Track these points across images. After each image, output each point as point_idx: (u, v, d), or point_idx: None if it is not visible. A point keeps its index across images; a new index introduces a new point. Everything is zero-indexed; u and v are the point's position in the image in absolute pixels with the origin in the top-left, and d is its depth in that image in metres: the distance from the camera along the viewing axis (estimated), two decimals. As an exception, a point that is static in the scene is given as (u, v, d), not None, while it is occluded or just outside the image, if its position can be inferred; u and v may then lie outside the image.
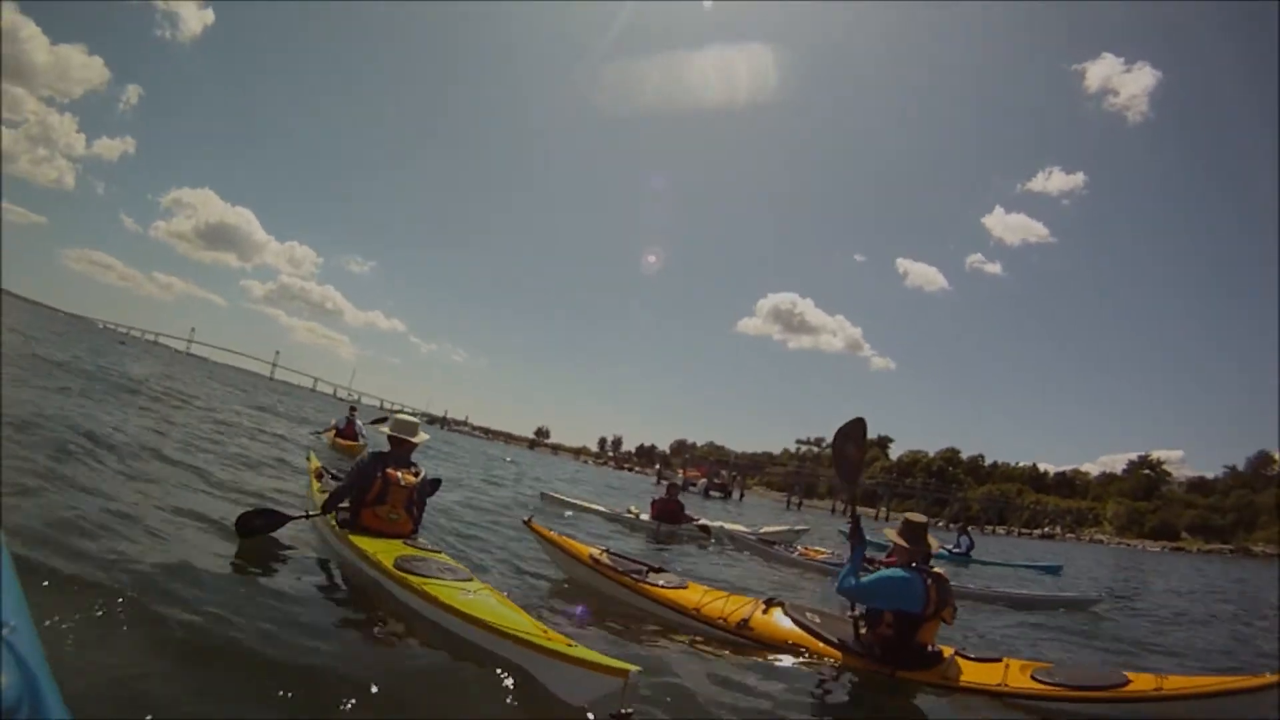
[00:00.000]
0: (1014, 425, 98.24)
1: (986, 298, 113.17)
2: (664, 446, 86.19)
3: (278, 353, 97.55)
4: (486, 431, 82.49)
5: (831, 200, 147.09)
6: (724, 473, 54.60)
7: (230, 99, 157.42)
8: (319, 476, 5.62)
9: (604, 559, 4.25)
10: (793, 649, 3.43)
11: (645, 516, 9.37)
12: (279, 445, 9.78)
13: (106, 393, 10.12)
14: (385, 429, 4.14)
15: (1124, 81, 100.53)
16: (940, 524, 46.75)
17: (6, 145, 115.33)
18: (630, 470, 65.69)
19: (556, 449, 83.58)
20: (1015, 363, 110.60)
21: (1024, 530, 50.14)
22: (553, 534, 4.72)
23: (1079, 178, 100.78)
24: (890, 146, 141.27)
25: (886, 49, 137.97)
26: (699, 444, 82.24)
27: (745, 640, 3.51)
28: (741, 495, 48.23)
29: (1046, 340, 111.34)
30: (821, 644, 3.42)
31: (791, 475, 62.64)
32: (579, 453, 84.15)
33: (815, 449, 70.46)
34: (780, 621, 3.59)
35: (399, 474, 3.84)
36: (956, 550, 12.70)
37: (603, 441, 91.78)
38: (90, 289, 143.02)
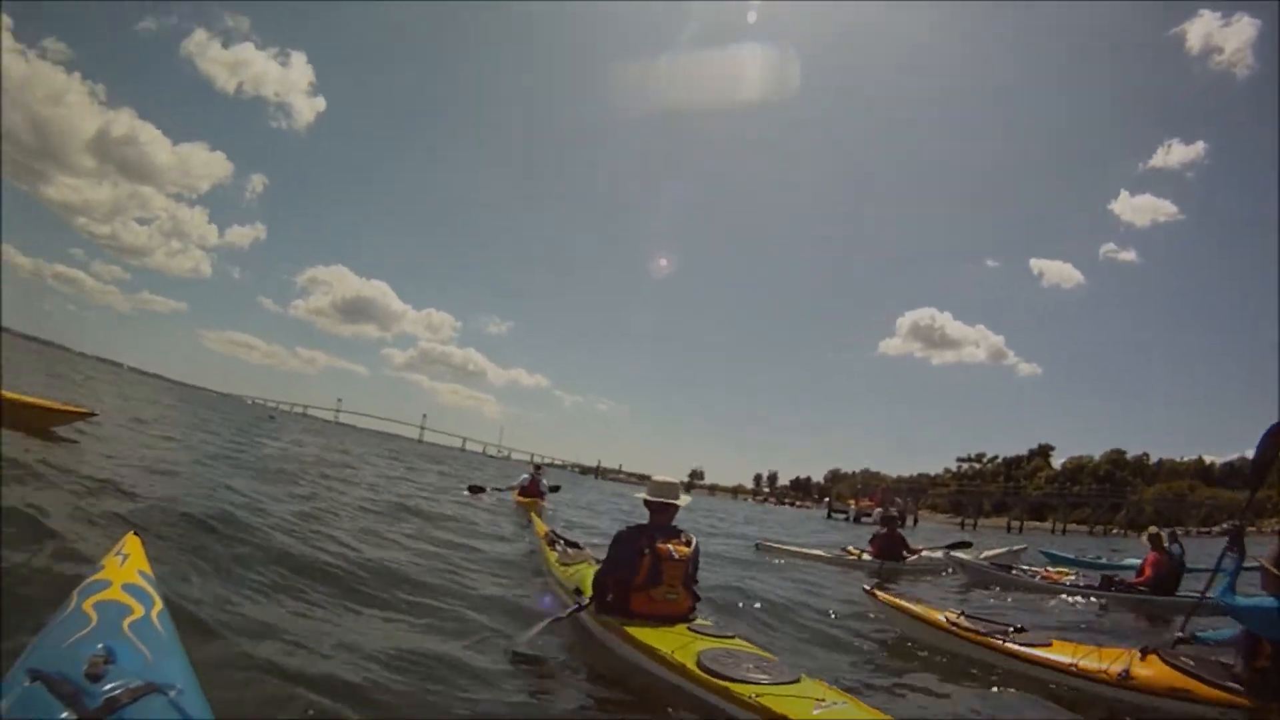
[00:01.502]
0: (1173, 418, 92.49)
1: (1124, 287, 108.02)
2: (818, 478, 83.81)
3: (425, 416, 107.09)
4: (641, 478, 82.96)
5: (955, 207, 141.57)
6: (898, 499, 52.23)
7: (351, 178, 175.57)
8: (551, 543, 5.12)
9: (962, 621, 4.10)
10: (1182, 695, 3.25)
11: (866, 555, 8.88)
12: (487, 512, 9.81)
13: (279, 468, 10.48)
14: (642, 494, 3.55)
15: (1225, 37, 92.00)
16: (1117, 531, 43.78)
17: (141, 240, 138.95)
18: (791, 505, 64.06)
19: (713, 489, 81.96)
20: (1163, 351, 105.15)
21: (1202, 529, 43.78)
22: (900, 601, 4.51)
23: (1199, 147, 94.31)
24: (1005, 145, 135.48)
25: (976, 48, 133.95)
26: (853, 472, 79.57)
27: (1131, 692, 3.35)
28: (915, 521, 45.43)
29: (1191, 322, 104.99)
30: (1208, 688, 3.22)
31: (958, 495, 60.09)
32: (735, 491, 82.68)
33: (976, 465, 67.54)
34: (1159, 669, 3.41)
35: (670, 546, 3.29)
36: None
37: (758, 478, 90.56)
38: (236, 368, 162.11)
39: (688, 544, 3.37)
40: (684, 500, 3.50)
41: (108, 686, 1.27)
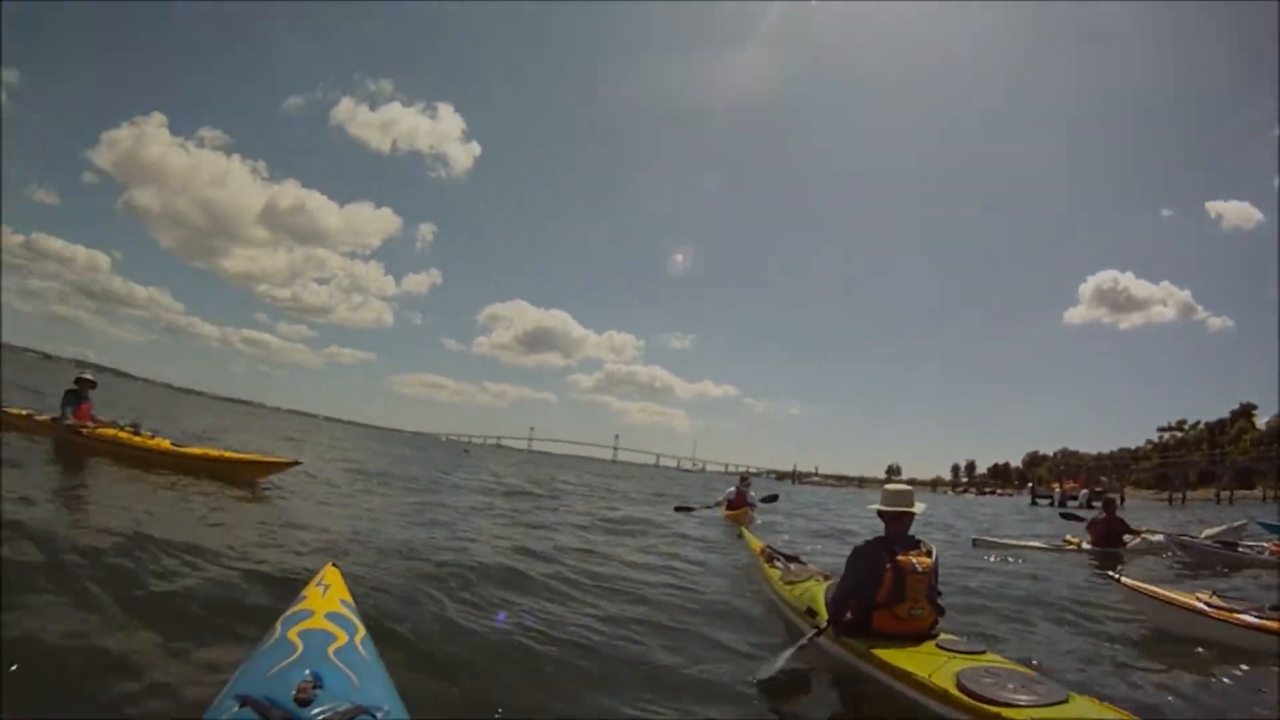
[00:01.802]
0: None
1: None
2: (1016, 462, 77.12)
3: (617, 436, 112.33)
4: (838, 479, 79.32)
5: (1119, 157, 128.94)
6: (1103, 479, 47.59)
7: (516, 214, 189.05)
8: (769, 559, 4.85)
9: (1215, 601, 3.85)
10: None
11: (1086, 544, 8.27)
12: (697, 531, 8.98)
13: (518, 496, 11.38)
14: (876, 506, 3.36)
15: None
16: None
17: (322, 299, 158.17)
18: (991, 494, 59.58)
19: (910, 485, 78.95)
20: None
21: None
22: (1150, 586, 4.20)
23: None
24: (1160, 85, 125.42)
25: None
26: (1051, 453, 72.82)
27: None
28: (1122, 500, 40.20)
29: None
30: None
31: (1161, 468, 52.13)
32: (934, 484, 77.81)
33: (1178, 434, 60.51)
34: None
35: (911, 558, 3.08)
36: None
37: (955, 468, 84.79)
38: (428, 408, 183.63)
39: (929, 554, 3.15)
40: (919, 508, 3.30)
41: (316, 711, 1.35)
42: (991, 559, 7.93)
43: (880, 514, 3.31)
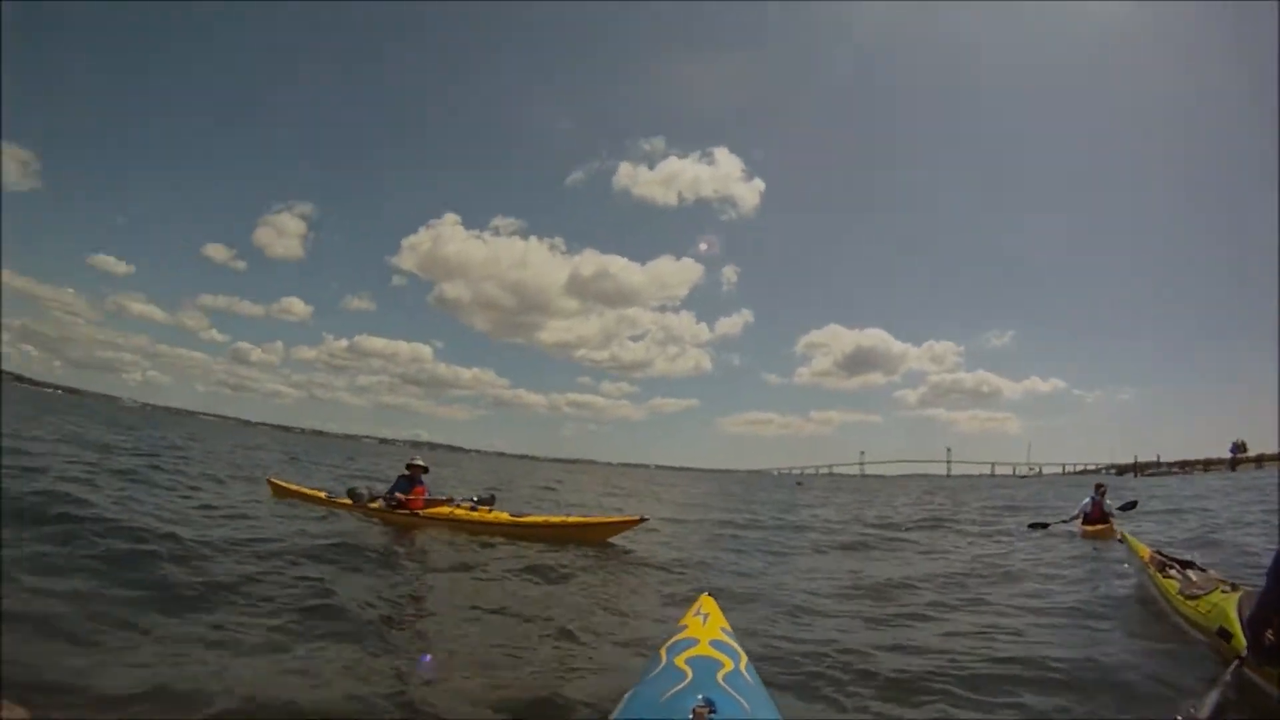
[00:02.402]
0: None
1: None
2: None
3: (949, 449, 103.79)
4: (1182, 465, 66.20)
5: None
6: None
7: (811, 241, 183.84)
8: (1161, 567, 4.20)
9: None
10: None
11: None
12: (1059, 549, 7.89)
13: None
14: None
15: None
16: None
17: (639, 355, 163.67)
18: None
19: (1259, 460, 58.66)
20: None
21: None
22: None
23: None
24: None
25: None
26: None
27: None
28: None
29: None
30: None
31: None
32: None
33: None
34: None
35: None
36: None
37: None
38: (755, 444, 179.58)
39: None
40: None
41: None
42: None
43: None
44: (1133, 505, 10.62)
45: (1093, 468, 74.02)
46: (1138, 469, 65.41)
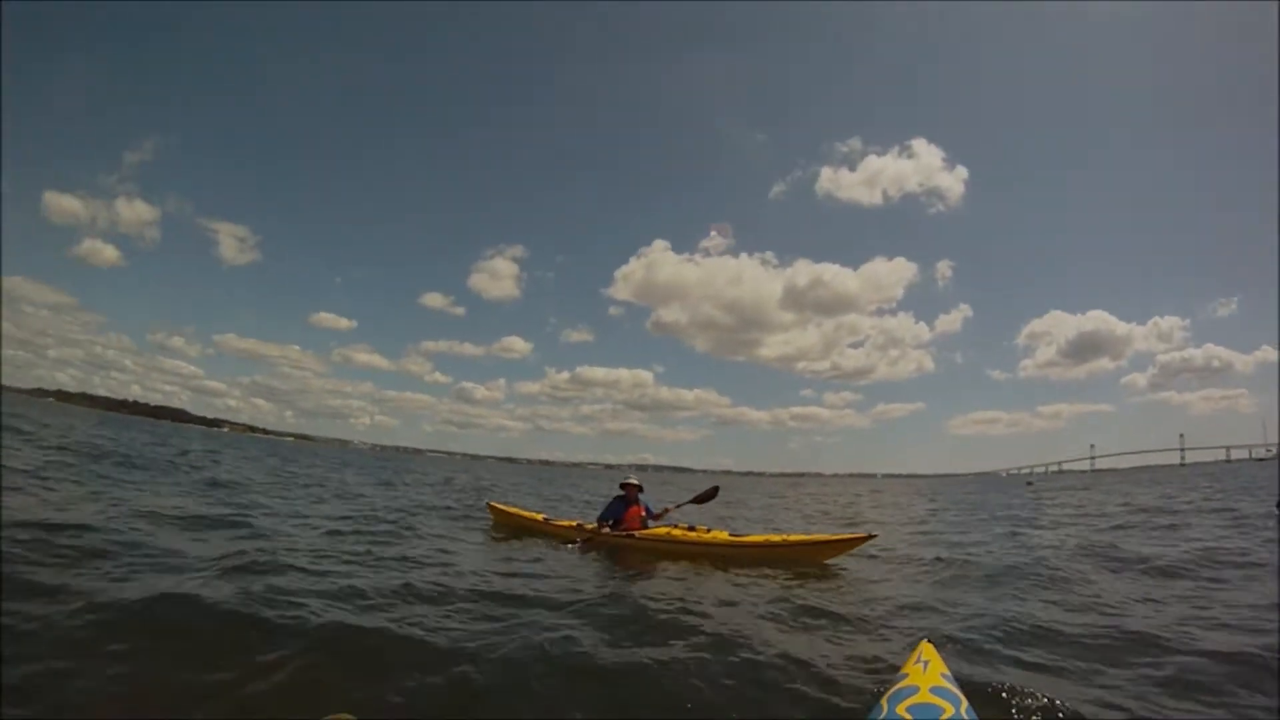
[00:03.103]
0: None
1: None
2: None
3: (1182, 436, 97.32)
4: None
5: None
6: None
7: (1022, 221, 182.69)
8: None
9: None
10: None
11: None
12: None
13: None
14: None
15: None
16: None
17: (860, 362, 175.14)
18: None
19: None
20: None
21: None
22: None
23: None
24: None
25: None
26: None
27: None
28: None
29: None
30: None
31: None
32: None
33: None
34: None
35: None
36: None
37: None
38: (984, 445, 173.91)
39: None
40: None
41: None
42: None
43: None
44: None
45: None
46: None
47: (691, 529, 6.83)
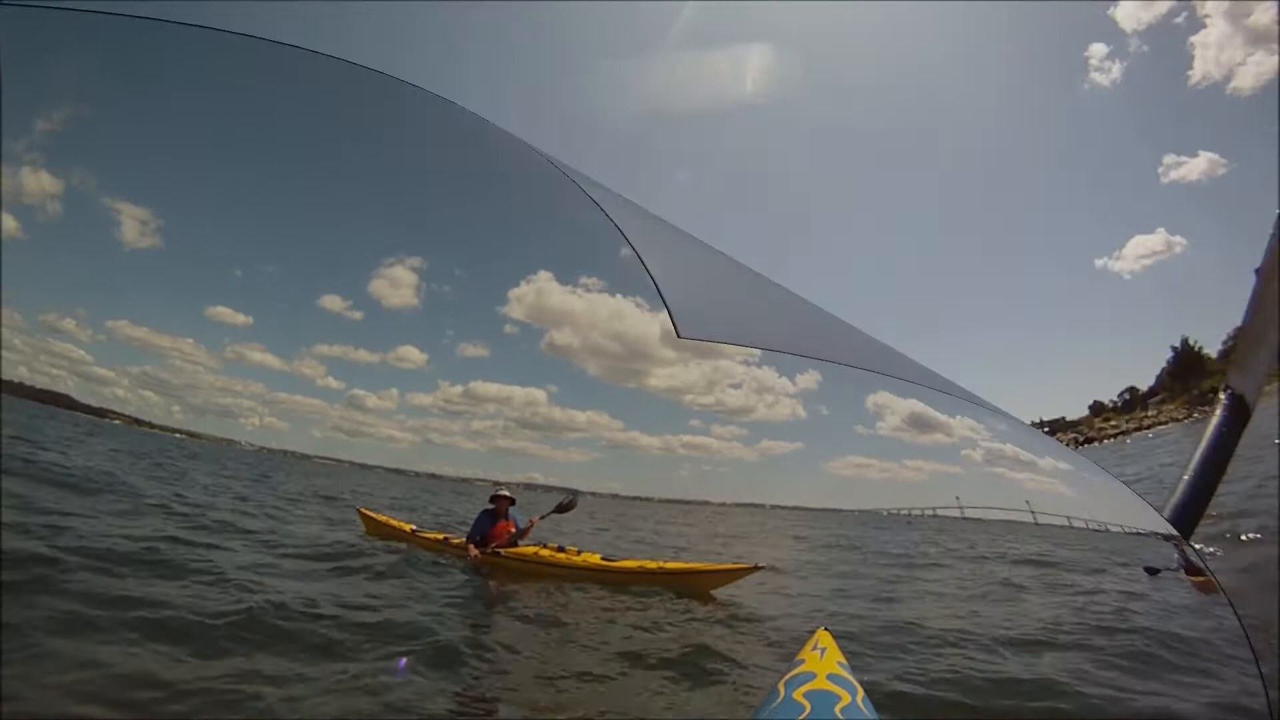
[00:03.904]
0: None
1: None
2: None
3: (1028, 501, 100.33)
4: None
5: None
6: None
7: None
8: None
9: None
10: None
11: None
12: None
13: None
14: None
15: None
16: None
17: (741, 401, 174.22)
18: None
19: None
20: None
21: None
22: None
23: None
24: None
25: None
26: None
27: None
28: None
29: None
30: None
31: None
32: None
33: None
34: None
35: None
36: None
37: None
38: (861, 486, 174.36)
39: None
40: None
41: None
42: None
43: None
44: None
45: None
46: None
47: (561, 550, 6.38)
